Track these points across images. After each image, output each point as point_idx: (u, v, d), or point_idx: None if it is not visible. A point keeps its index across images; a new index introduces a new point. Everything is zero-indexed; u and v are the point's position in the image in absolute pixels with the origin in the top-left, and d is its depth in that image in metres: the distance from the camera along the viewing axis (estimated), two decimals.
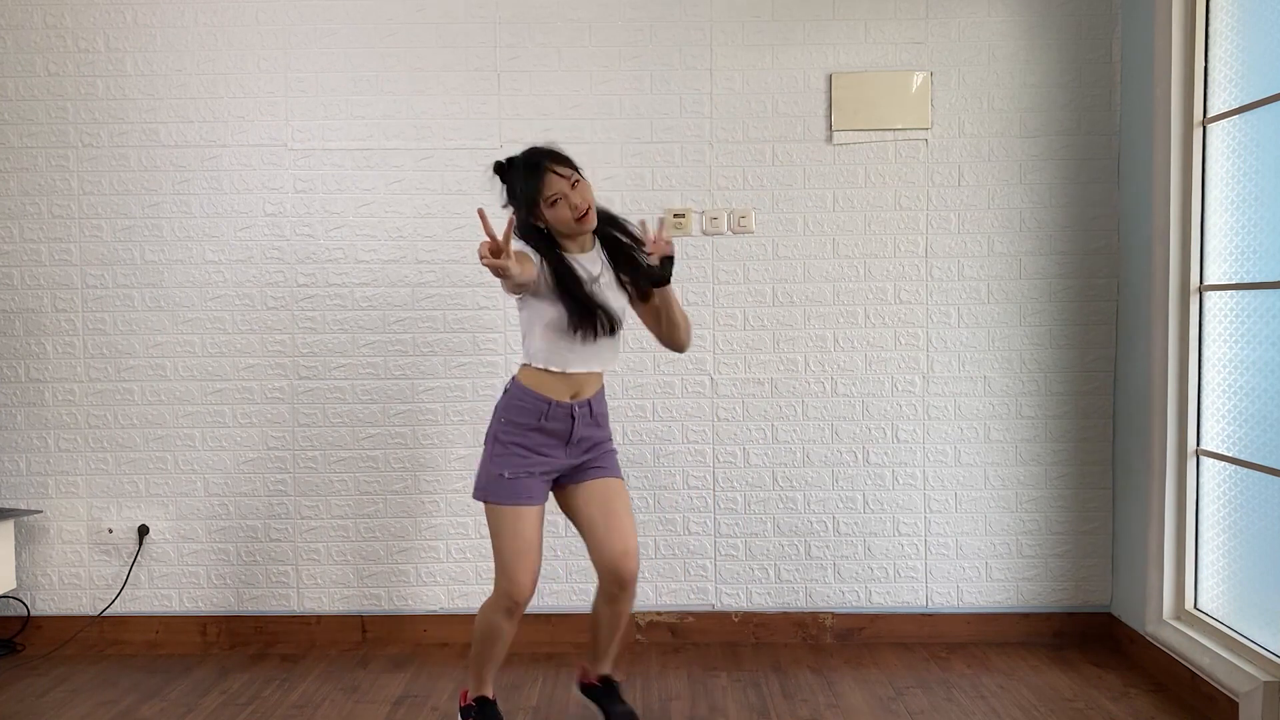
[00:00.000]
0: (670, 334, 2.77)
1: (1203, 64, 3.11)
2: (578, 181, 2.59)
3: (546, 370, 2.64)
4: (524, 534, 2.63)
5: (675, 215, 3.51)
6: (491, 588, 3.83)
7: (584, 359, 2.65)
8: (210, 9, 3.53)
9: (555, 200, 2.56)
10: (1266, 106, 2.84)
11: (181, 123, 3.54)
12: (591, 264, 2.67)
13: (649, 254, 2.62)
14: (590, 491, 2.70)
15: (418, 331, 3.57)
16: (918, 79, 3.51)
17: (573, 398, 2.66)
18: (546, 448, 2.65)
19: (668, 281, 2.66)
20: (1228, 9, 3.03)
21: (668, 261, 2.63)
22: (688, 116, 3.51)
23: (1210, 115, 3.09)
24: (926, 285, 3.55)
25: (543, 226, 2.62)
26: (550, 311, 2.60)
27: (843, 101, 3.51)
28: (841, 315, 3.56)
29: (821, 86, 3.53)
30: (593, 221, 2.62)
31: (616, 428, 3.53)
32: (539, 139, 3.49)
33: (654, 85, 3.53)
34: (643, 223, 2.70)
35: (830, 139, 3.53)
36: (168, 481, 3.60)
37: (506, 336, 3.56)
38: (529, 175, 2.58)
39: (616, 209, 2.84)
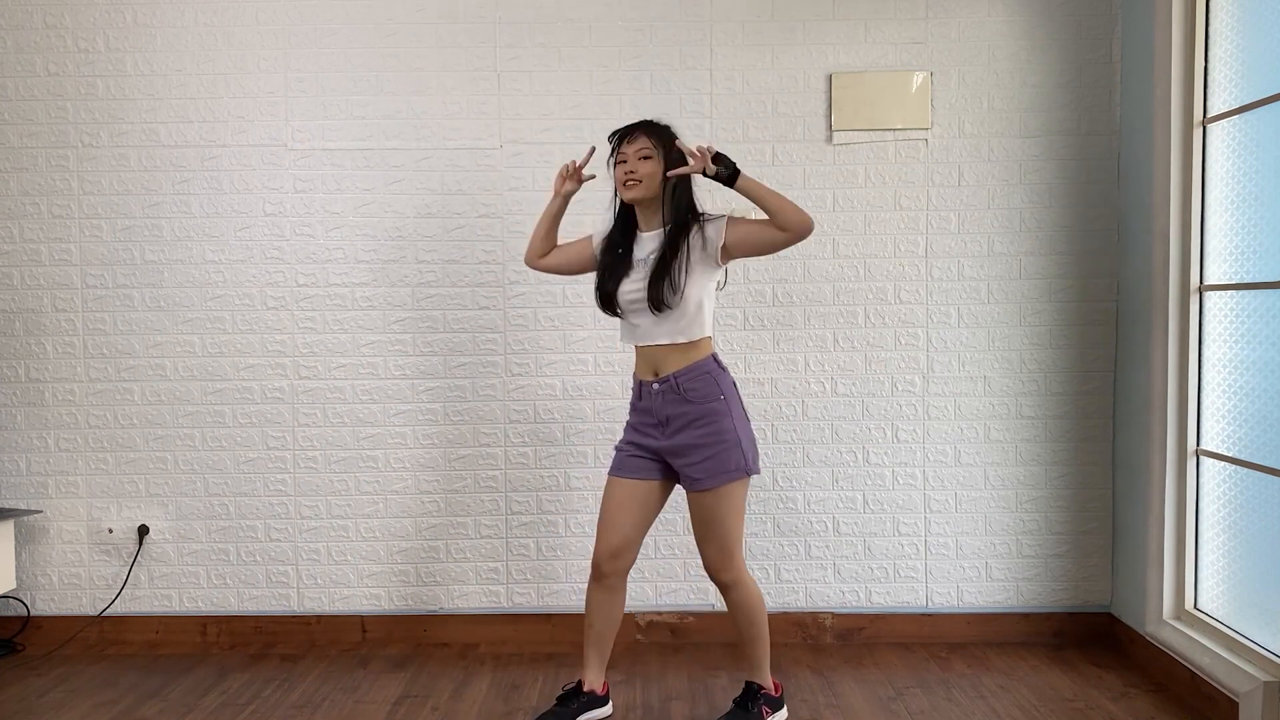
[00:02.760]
0: (781, 224, 2.58)
1: (1203, 64, 3.11)
2: (648, 156, 2.67)
3: (633, 346, 2.81)
4: (608, 505, 2.80)
5: None
6: (492, 588, 3.83)
7: (645, 333, 2.72)
8: (210, 9, 3.53)
9: (619, 162, 2.72)
10: (1266, 106, 2.84)
11: (181, 123, 3.54)
12: (650, 242, 2.73)
13: (698, 165, 2.59)
14: (690, 505, 2.77)
15: (418, 331, 3.57)
16: (918, 79, 3.51)
17: (655, 375, 2.73)
18: (645, 426, 2.77)
19: (734, 171, 2.59)
20: (1228, 9, 3.03)
21: (719, 158, 2.59)
22: (688, 116, 3.51)
23: (1210, 115, 3.09)
24: (926, 285, 3.55)
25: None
26: None
27: (842, 101, 3.51)
28: (841, 315, 3.56)
29: (821, 86, 3.53)
30: (633, 193, 2.69)
31: (615, 427, 3.53)
32: (539, 139, 3.53)
33: (654, 85, 3.53)
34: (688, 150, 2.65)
35: (830, 139, 3.53)
36: (168, 481, 3.60)
37: (506, 336, 3.56)
38: (616, 135, 2.75)
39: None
